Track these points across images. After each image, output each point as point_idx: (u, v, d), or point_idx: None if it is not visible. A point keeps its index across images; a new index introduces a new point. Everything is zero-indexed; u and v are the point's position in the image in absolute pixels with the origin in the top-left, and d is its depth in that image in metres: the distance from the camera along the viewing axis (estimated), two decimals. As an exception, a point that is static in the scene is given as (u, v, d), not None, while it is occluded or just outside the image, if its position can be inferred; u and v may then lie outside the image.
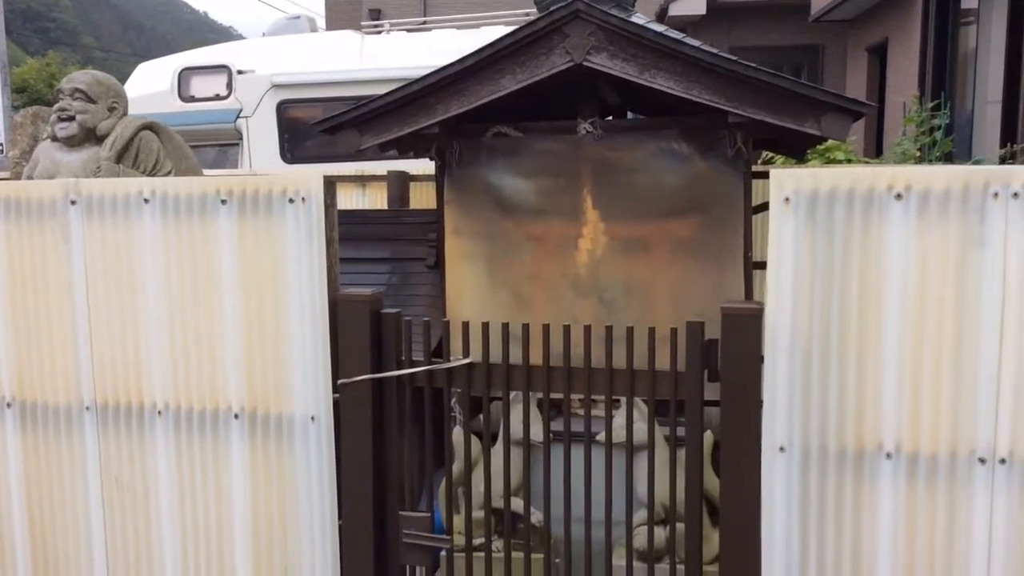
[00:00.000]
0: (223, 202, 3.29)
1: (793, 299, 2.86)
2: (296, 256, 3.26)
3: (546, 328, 3.69)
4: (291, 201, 3.25)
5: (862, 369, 2.83)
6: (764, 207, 6.59)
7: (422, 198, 7.13)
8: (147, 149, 4.80)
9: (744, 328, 3.07)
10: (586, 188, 4.99)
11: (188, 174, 5.05)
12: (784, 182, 2.77)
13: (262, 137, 11.83)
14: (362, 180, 7.33)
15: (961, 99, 11.98)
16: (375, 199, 7.26)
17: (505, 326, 3.72)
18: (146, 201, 3.34)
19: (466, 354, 3.75)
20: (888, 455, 2.85)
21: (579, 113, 5.01)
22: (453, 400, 5.11)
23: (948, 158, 9.56)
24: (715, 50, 4.62)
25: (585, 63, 4.63)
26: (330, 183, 3.27)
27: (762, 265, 6.94)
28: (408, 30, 13.40)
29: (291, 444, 3.36)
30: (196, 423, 3.41)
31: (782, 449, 2.96)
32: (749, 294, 4.92)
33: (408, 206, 7.09)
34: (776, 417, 2.95)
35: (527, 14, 11.58)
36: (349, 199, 7.30)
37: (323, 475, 3.37)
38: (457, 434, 4.85)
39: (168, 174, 4.83)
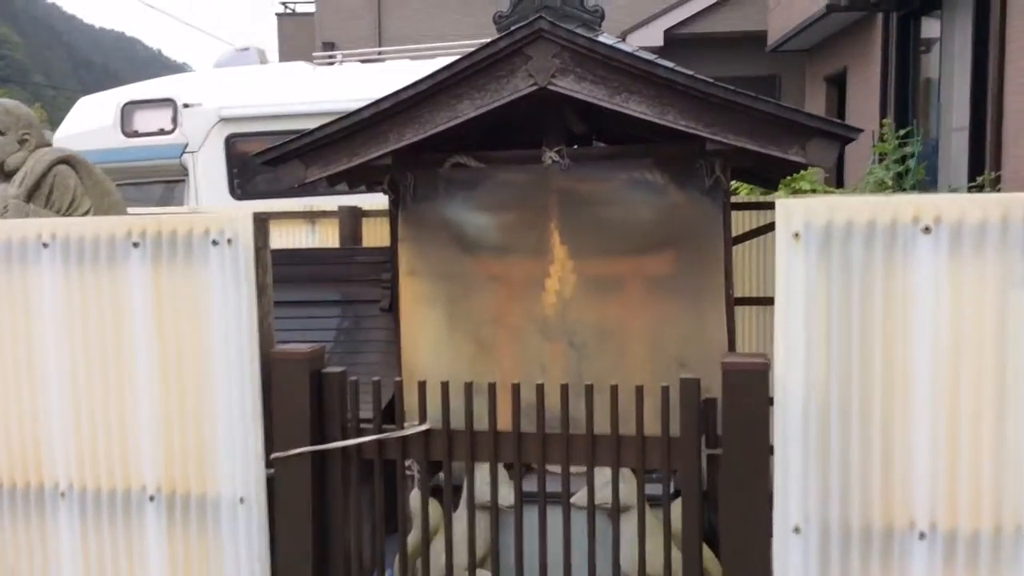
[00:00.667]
0: (135, 245, 2.81)
1: (806, 351, 2.44)
2: (222, 307, 2.79)
3: (516, 389, 3.24)
4: (215, 243, 2.78)
5: (889, 432, 2.41)
6: (742, 238, 6.30)
7: (376, 235, 6.69)
8: (62, 186, 4.28)
9: (749, 386, 2.65)
10: (553, 223, 4.57)
11: (111, 213, 4.55)
12: (793, 214, 2.37)
13: (210, 173, 11.35)
14: (312, 216, 6.86)
15: (925, 127, 11.82)
16: (326, 236, 6.80)
17: (468, 386, 3.27)
18: (45, 245, 2.85)
19: (423, 418, 3.28)
20: (921, 535, 2.42)
21: (544, 141, 4.60)
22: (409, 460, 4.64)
23: (921, 187, 9.33)
24: (691, 72, 4.24)
25: (550, 87, 4.22)
26: (261, 221, 2.81)
27: (744, 301, 6.65)
28: (361, 61, 13.01)
29: (217, 530, 2.86)
30: (105, 506, 2.90)
31: (797, 530, 2.52)
32: (732, 335, 4.52)
33: (361, 244, 6.64)
34: (789, 491, 2.52)
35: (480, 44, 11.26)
36: (299, 237, 6.83)
37: (255, 566, 2.87)
38: (414, 498, 4.36)
39: (86, 214, 4.33)
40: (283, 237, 6.93)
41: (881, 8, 12.67)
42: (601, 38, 4.37)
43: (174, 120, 11.47)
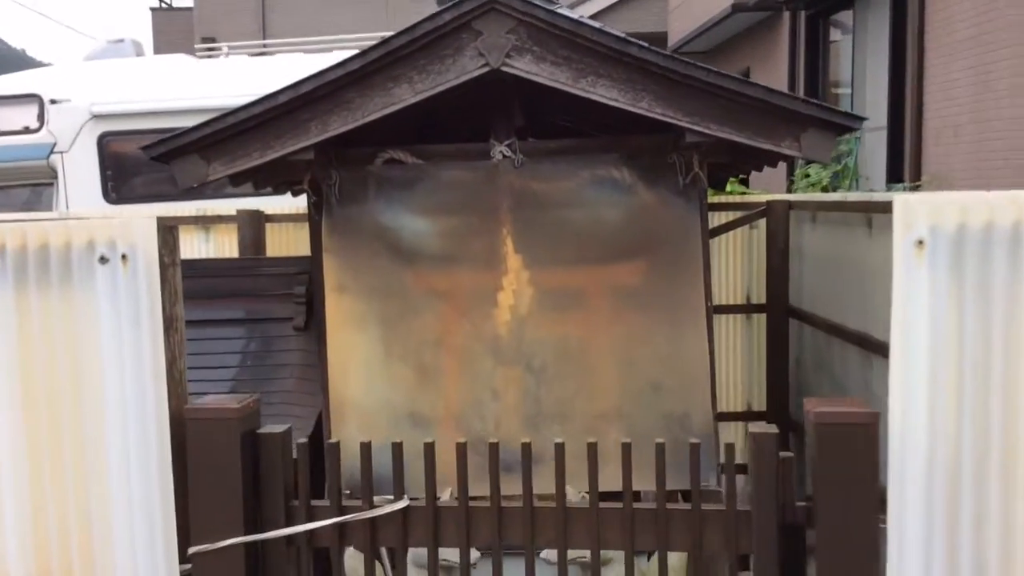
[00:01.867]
0: (-11, 264, 2.03)
1: (930, 396, 1.89)
2: (114, 349, 2.04)
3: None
4: (103, 259, 2.03)
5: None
6: (716, 232, 5.74)
7: (281, 242, 5.91)
8: None
9: (852, 442, 2.07)
10: (505, 228, 3.93)
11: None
12: (916, 215, 1.81)
13: (81, 174, 10.26)
14: (205, 222, 6.04)
15: (836, 127, 11.64)
16: (222, 245, 5.99)
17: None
18: None
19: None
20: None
21: (493, 134, 3.95)
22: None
23: (859, 187, 9.07)
24: (667, 52, 3.67)
25: (504, 68, 3.58)
26: (168, 229, 2.07)
27: (722, 309, 6.09)
28: (250, 54, 12.07)
29: (113, 651, 2.10)
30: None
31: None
32: (712, 352, 3.96)
33: (264, 252, 5.84)
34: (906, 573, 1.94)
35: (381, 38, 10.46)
36: (189, 246, 6.00)
37: None
38: (352, 558, 3.65)
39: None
40: (173, 246, 6.11)
41: (789, 7, 12.49)
42: (561, 11, 3.75)
43: (40, 117, 10.36)
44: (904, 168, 9.78)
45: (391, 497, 2.54)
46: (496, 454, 2.65)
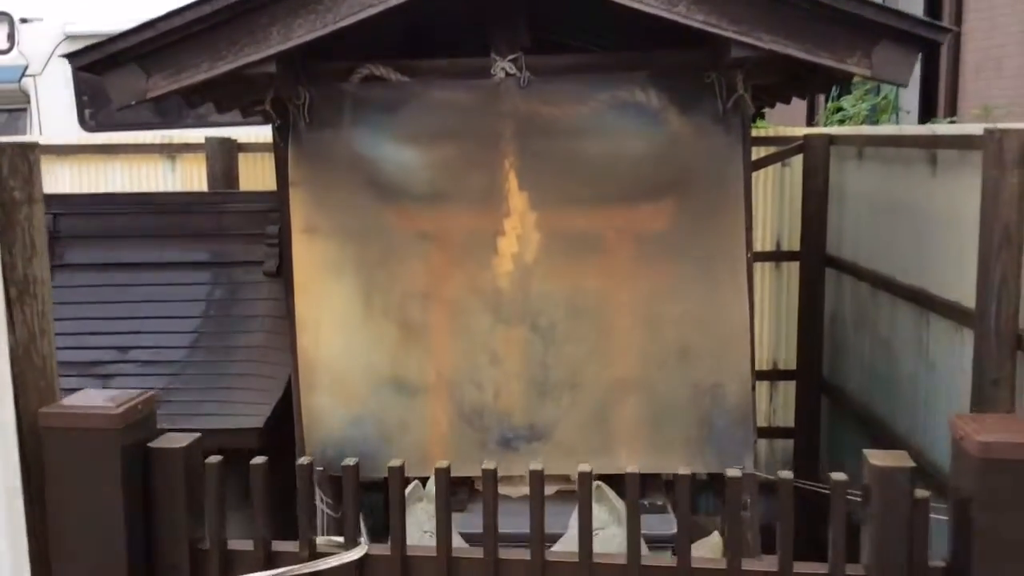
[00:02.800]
0: None
1: None
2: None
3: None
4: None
5: None
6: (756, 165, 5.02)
7: (257, 175, 5.25)
8: None
9: None
10: (508, 160, 3.29)
11: None
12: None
13: (55, 99, 9.61)
14: (170, 151, 5.36)
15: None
16: (190, 177, 5.33)
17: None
18: None
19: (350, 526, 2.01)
20: None
21: (494, 48, 3.27)
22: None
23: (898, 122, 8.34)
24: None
25: (510, -39, 2.91)
26: (19, 151, 1.43)
27: (764, 256, 5.39)
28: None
29: None
30: None
31: None
32: (752, 311, 3.34)
33: (236, 186, 5.20)
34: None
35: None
36: (152, 178, 5.34)
37: None
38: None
39: None
40: (136, 178, 5.42)
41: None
42: None
43: (10, 38, 9.67)
44: (938, 103, 9.05)
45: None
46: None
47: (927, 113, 9.01)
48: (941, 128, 4.16)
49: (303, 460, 2.01)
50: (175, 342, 4.07)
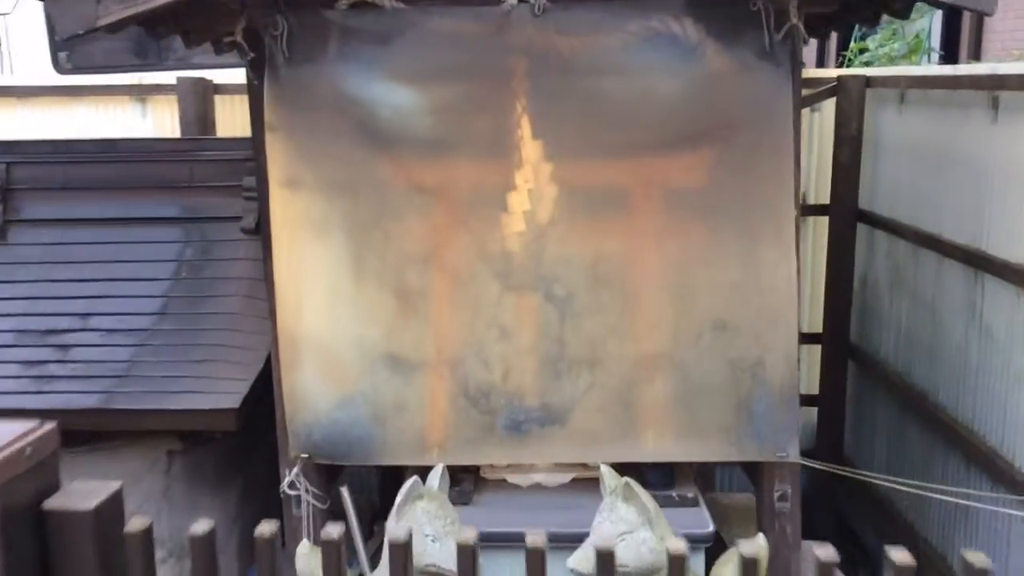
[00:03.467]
0: None
1: None
2: None
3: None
4: None
5: None
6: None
7: (235, 119, 4.77)
8: None
9: None
10: (520, 103, 2.83)
11: None
12: None
13: (27, 39, 9.05)
14: (140, 93, 4.85)
15: None
16: (162, 122, 4.83)
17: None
18: None
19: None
20: None
21: (504, -32, 2.80)
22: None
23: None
24: None
25: None
26: None
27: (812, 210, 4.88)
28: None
29: None
30: None
31: None
32: (799, 276, 2.92)
33: (213, 132, 4.72)
34: None
35: None
36: (121, 122, 4.85)
37: None
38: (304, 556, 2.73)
39: None
40: (103, 123, 4.92)
41: None
42: None
43: (-24, -26, 9.09)
44: (959, 47, 8.58)
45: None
46: None
47: (950, 56, 8.54)
48: (1005, 68, 3.70)
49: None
50: (141, 308, 3.63)
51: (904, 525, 4.26)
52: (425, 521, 2.59)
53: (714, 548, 2.98)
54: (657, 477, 3.11)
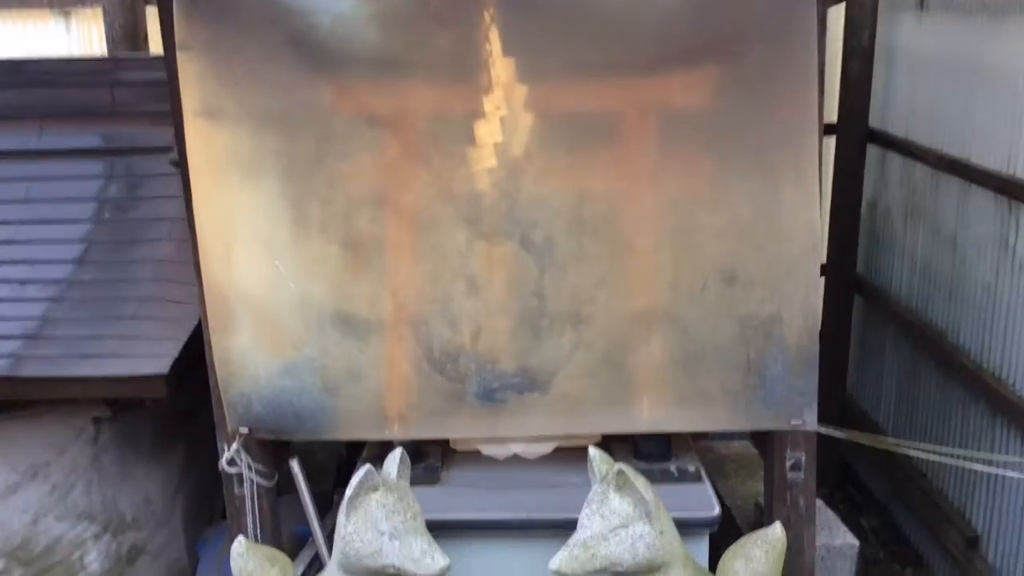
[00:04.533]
0: None
1: None
2: None
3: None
4: None
5: None
6: None
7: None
8: None
9: None
10: (489, 12, 2.34)
11: None
12: None
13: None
14: (63, 4, 4.24)
15: None
16: (89, 37, 4.25)
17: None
18: None
19: None
20: None
21: None
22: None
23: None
24: None
25: None
26: None
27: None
28: None
29: None
30: None
31: None
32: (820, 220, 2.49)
33: (144, 48, 4.16)
34: None
35: None
36: (43, 39, 4.26)
37: None
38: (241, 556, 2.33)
39: None
40: (21, 39, 4.35)
41: None
42: None
43: None
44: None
45: None
46: None
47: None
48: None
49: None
50: (58, 255, 3.17)
51: (916, 475, 3.93)
52: (381, 517, 2.20)
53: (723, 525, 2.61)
54: (652, 448, 2.73)
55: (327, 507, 3.04)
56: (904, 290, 4.08)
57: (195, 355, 2.88)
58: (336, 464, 3.98)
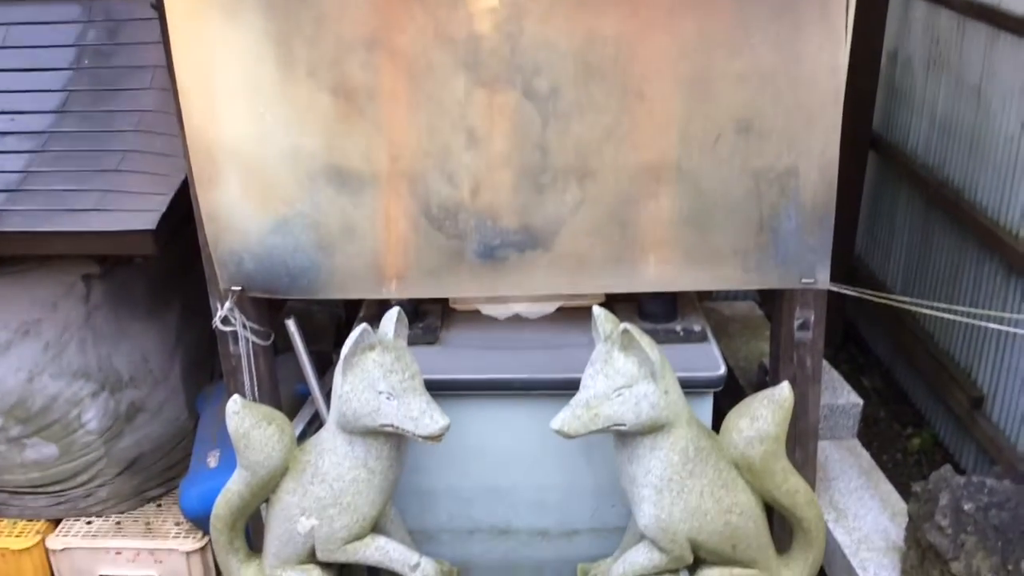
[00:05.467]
0: None
1: None
2: None
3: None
4: None
5: None
6: None
7: None
8: None
9: None
10: None
11: None
12: None
13: None
14: None
15: None
16: None
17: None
18: None
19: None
20: None
21: None
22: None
23: None
24: None
25: None
26: None
27: None
28: None
29: None
30: None
31: None
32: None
33: None
34: None
35: None
36: None
37: None
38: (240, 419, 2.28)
39: None
40: None
41: None
42: None
43: None
44: None
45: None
46: None
47: None
48: None
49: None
50: (36, 105, 3.00)
51: (922, 335, 3.87)
52: (379, 376, 2.13)
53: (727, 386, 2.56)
54: (657, 308, 2.65)
55: (327, 367, 2.99)
56: (921, 146, 3.92)
57: (185, 210, 2.76)
58: (335, 325, 3.93)
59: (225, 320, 2.59)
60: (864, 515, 2.87)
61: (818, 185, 2.34)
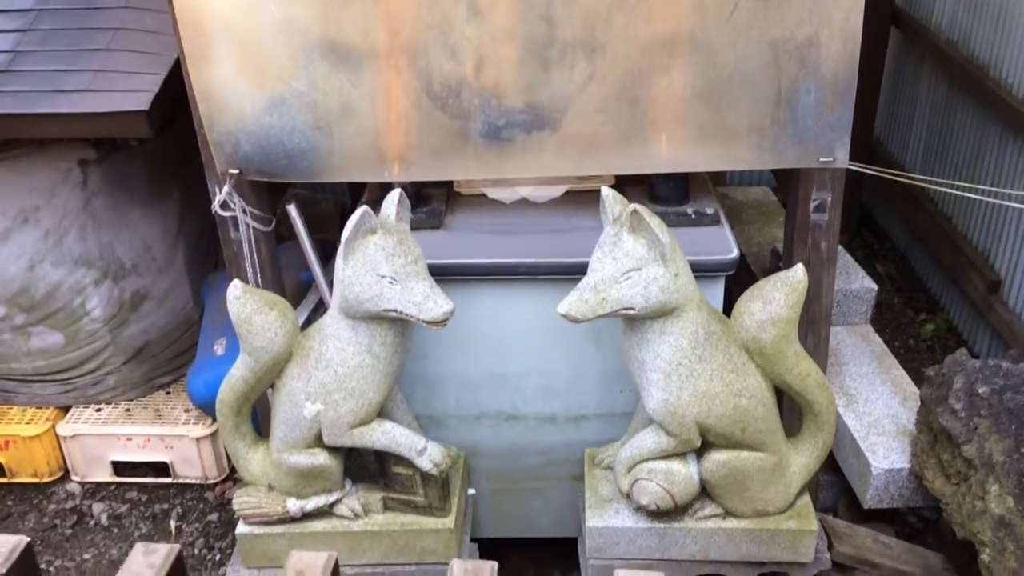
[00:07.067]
0: None
1: None
2: None
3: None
4: None
5: None
6: None
7: None
8: None
9: None
10: None
11: None
12: None
13: None
14: None
15: None
16: None
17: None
18: None
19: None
20: None
21: None
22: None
23: None
24: None
25: None
26: None
27: None
28: None
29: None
30: None
31: None
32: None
33: None
34: None
35: None
36: None
37: None
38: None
39: None
40: None
41: None
42: None
43: None
44: None
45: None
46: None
47: None
48: None
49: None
50: (19, 3, 2.88)
51: (940, 219, 3.78)
52: (381, 260, 2.07)
53: (738, 272, 2.49)
54: (669, 191, 2.56)
55: (332, 255, 2.94)
56: (946, 22, 3.75)
57: (179, 91, 2.67)
58: (340, 212, 3.87)
59: (224, 205, 2.52)
60: (875, 400, 2.84)
61: (840, 56, 2.22)
